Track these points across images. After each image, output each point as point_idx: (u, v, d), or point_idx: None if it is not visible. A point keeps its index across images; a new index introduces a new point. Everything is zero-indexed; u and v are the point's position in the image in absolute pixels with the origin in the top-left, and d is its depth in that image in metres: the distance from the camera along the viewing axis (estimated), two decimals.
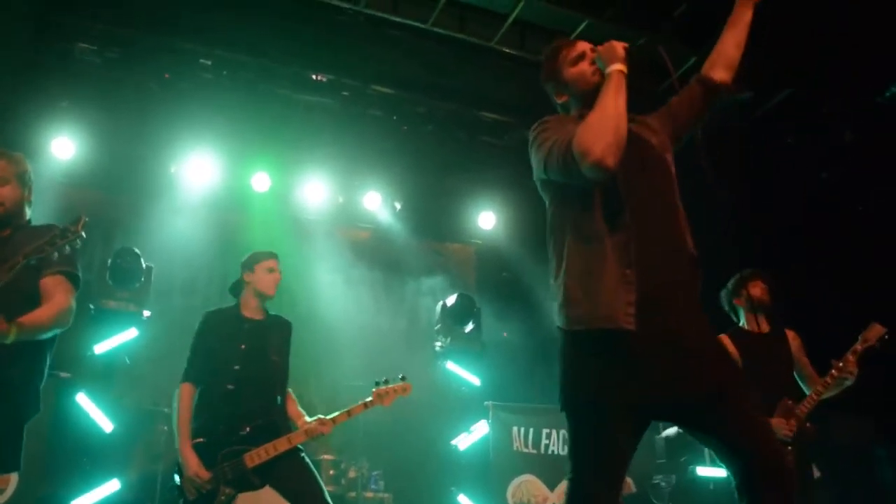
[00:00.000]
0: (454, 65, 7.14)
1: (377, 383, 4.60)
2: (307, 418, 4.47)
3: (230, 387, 4.30)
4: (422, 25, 6.60)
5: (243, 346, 4.43)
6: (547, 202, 2.72)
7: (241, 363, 4.37)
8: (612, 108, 2.42)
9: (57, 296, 3.30)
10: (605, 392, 2.37)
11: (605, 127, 2.38)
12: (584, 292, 2.45)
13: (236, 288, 4.71)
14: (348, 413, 4.49)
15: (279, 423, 4.35)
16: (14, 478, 3.21)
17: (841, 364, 4.36)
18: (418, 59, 7.16)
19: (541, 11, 6.52)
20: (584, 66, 2.68)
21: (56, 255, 3.08)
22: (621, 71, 2.51)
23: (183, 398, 4.30)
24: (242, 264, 4.67)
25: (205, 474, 4.10)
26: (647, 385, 2.33)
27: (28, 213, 3.48)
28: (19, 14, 6.22)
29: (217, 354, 4.40)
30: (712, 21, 6.57)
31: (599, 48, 2.63)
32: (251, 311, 4.59)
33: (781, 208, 7.18)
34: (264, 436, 4.23)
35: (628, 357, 2.35)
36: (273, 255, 4.68)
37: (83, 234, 3.16)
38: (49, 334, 3.23)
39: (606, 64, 2.55)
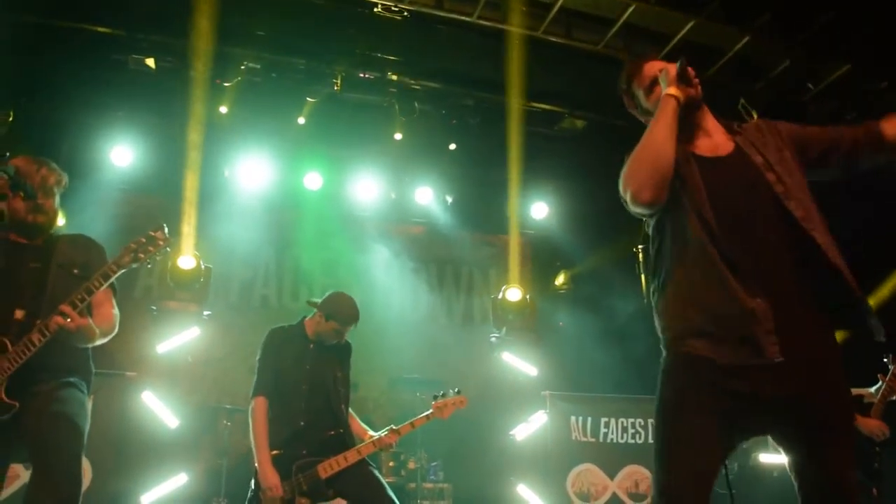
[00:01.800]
0: (500, 57, 7.12)
1: (435, 397, 4.84)
2: (372, 432, 4.68)
3: (301, 404, 4.49)
4: (466, 19, 6.60)
5: (308, 367, 4.61)
6: (647, 226, 2.64)
7: (309, 383, 4.56)
8: (650, 141, 2.38)
9: (108, 308, 3.48)
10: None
11: (642, 163, 2.37)
12: (688, 324, 2.35)
13: (308, 308, 4.84)
14: (412, 425, 4.72)
15: (347, 437, 4.55)
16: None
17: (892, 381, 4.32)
18: (464, 52, 7.15)
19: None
20: (659, 92, 2.57)
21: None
22: (670, 95, 2.44)
23: (258, 412, 4.45)
24: (324, 302, 4.72)
25: (281, 492, 4.25)
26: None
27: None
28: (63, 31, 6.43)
29: (285, 374, 4.57)
30: (809, 13, 6.54)
31: (659, 71, 2.56)
32: (312, 332, 4.75)
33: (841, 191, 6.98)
34: (335, 448, 4.43)
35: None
36: (354, 322, 4.74)
37: (170, 241, 3.37)
38: (98, 342, 3.37)
39: (663, 88, 2.49)
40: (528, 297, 8.28)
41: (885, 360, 4.38)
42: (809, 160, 2.50)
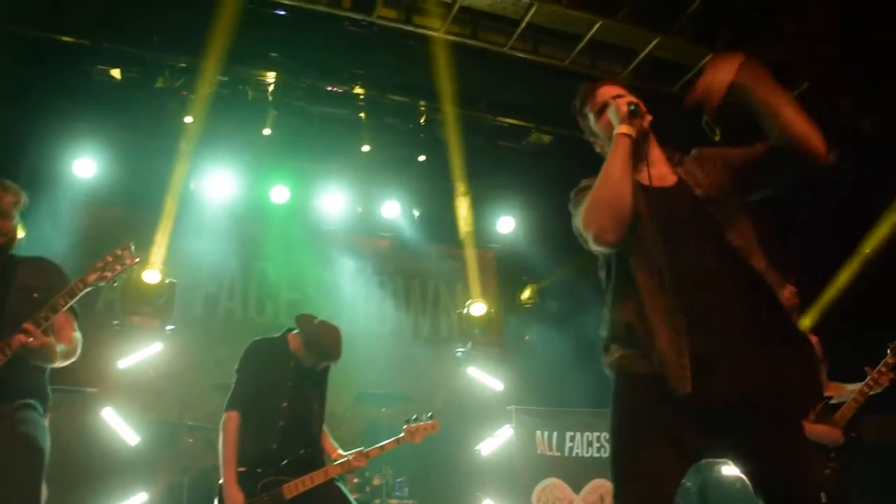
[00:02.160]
0: (468, 71, 7.15)
1: (408, 421, 4.84)
2: (341, 451, 4.65)
3: (279, 423, 4.41)
4: (434, 33, 6.62)
5: (290, 384, 4.54)
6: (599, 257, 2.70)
7: (290, 400, 4.49)
8: (607, 183, 2.41)
9: (70, 331, 3.45)
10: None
11: (601, 204, 2.40)
12: (631, 349, 2.41)
13: (292, 324, 4.75)
14: (381, 448, 4.70)
15: (316, 456, 4.51)
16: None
17: (877, 375, 4.34)
18: (431, 67, 7.18)
19: (552, 15, 6.52)
20: (606, 118, 2.64)
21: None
22: (624, 134, 2.47)
23: (229, 427, 4.34)
24: (310, 330, 4.61)
25: None
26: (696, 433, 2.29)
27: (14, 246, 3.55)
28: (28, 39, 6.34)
29: (266, 390, 4.48)
30: (725, 17, 6.67)
31: (609, 100, 2.60)
32: (295, 349, 4.66)
33: (804, 204, 7.10)
34: (303, 468, 4.35)
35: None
36: (332, 360, 4.65)
37: (137, 259, 3.35)
38: (58, 364, 3.32)
39: (615, 123, 2.53)
40: (493, 311, 8.31)
41: (889, 349, 4.39)
42: (744, 182, 2.54)
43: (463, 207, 8.39)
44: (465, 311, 8.28)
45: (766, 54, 6.69)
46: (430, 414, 4.91)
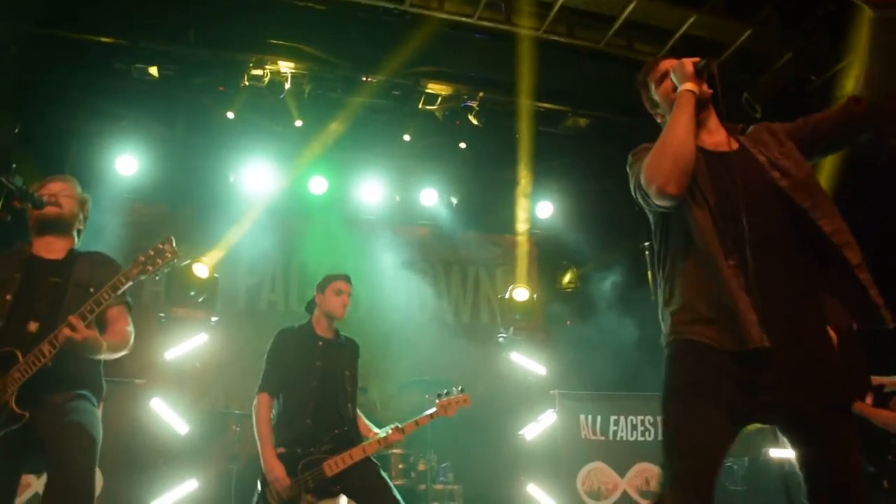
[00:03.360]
0: (504, 57, 7.13)
1: (439, 395, 4.86)
2: (377, 430, 4.70)
3: (310, 403, 4.50)
4: (468, 20, 6.60)
5: (319, 364, 4.63)
6: (651, 219, 2.70)
7: (318, 380, 4.58)
8: (673, 134, 2.43)
9: (123, 324, 3.52)
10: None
11: (666, 155, 2.41)
12: (692, 312, 2.41)
13: (310, 306, 4.91)
14: (416, 423, 4.72)
15: (353, 434, 4.57)
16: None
17: None
18: (467, 53, 7.16)
19: None
20: (667, 85, 2.67)
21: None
22: (689, 90, 2.50)
23: (261, 408, 4.48)
24: (316, 285, 4.86)
25: (288, 482, 4.25)
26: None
27: (76, 243, 3.65)
28: (66, 41, 6.46)
29: (294, 371, 4.59)
30: (810, 5, 6.52)
31: (672, 66, 2.62)
32: (323, 330, 4.79)
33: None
34: (341, 446, 4.43)
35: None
36: (343, 277, 4.83)
37: (178, 253, 3.41)
38: (108, 356, 3.40)
39: (679, 82, 2.56)
40: (534, 296, 8.29)
41: None
42: (812, 145, 2.54)
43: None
44: (506, 296, 8.27)
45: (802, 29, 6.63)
46: (460, 388, 4.91)
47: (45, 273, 3.40)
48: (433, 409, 4.80)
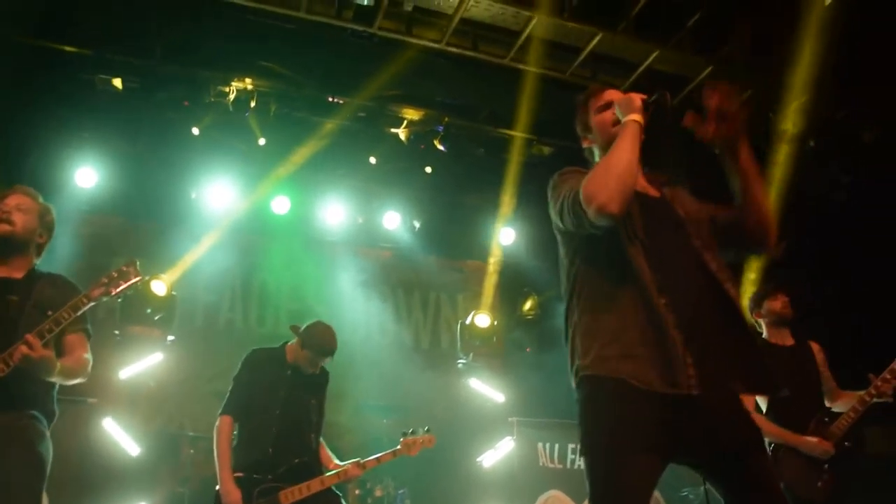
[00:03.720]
0: (469, 83, 7.18)
1: (404, 433, 4.88)
2: (337, 461, 4.71)
3: (272, 430, 4.48)
4: (436, 45, 6.64)
5: (283, 393, 4.61)
6: (563, 252, 2.70)
7: (283, 408, 4.56)
8: (619, 156, 2.41)
9: (81, 352, 3.45)
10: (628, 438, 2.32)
11: (611, 173, 2.38)
12: (618, 347, 2.37)
13: (290, 334, 4.84)
14: (378, 460, 4.75)
15: (313, 465, 4.56)
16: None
17: (880, 384, 4.29)
18: (433, 78, 7.20)
19: (553, 27, 6.53)
20: (607, 115, 2.67)
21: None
22: (636, 121, 2.48)
23: (223, 430, 4.44)
24: (304, 330, 4.75)
25: None
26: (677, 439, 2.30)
27: (36, 259, 3.55)
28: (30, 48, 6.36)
29: (259, 396, 4.57)
30: (726, 28, 6.70)
31: (618, 99, 2.61)
32: (292, 359, 4.75)
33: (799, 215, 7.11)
34: (300, 475, 4.42)
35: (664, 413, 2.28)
36: (329, 354, 4.75)
37: (141, 276, 3.39)
38: (71, 383, 3.34)
39: (624, 114, 2.53)
40: (495, 322, 8.30)
41: None
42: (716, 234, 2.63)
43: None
44: (468, 322, 8.27)
45: (763, 67, 6.79)
46: (426, 428, 4.93)
47: (4, 291, 3.31)
48: (397, 447, 4.81)
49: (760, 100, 7.04)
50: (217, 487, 4.30)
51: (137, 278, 3.35)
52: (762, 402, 4.56)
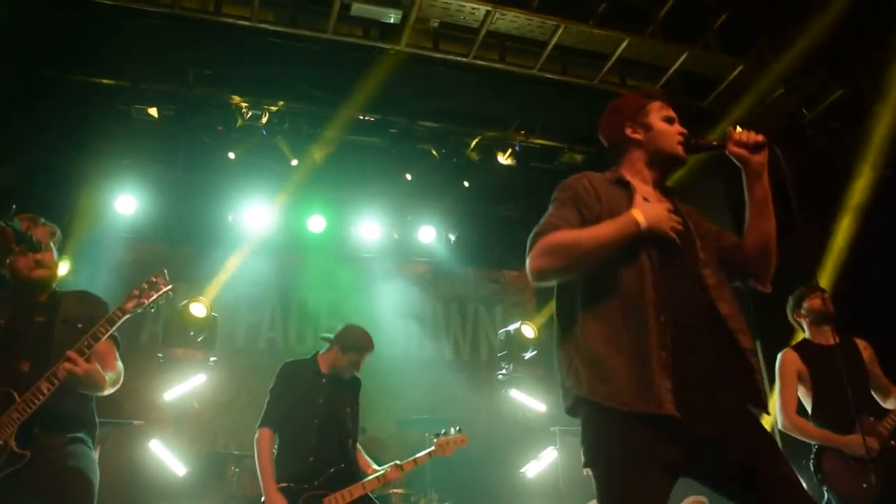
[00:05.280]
0: (498, 94, 7.20)
1: (437, 434, 4.99)
2: (376, 466, 4.76)
3: (312, 439, 4.55)
4: (463, 59, 6.68)
5: (321, 401, 4.69)
6: None
7: (321, 417, 4.63)
8: (596, 246, 2.37)
9: (112, 359, 3.54)
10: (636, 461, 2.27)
11: (571, 253, 2.38)
12: (611, 368, 2.32)
13: (322, 344, 4.96)
14: (415, 461, 4.82)
15: (354, 471, 4.62)
16: None
17: None
18: (462, 91, 7.23)
19: (580, 35, 6.54)
20: (674, 131, 2.65)
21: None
22: (639, 223, 2.38)
23: (263, 443, 4.52)
24: (338, 336, 4.87)
25: None
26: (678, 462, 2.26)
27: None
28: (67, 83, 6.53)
29: (297, 407, 4.65)
30: (754, 27, 6.64)
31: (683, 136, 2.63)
32: (327, 367, 4.82)
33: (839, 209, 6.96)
34: (341, 482, 4.48)
35: (664, 437, 2.24)
36: (371, 350, 4.87)
37: (171, 285, 3.45)
38: (106, 392, 3.41)
39: (642, 216, 2.40)
40: (534, 333, 8.27)
41: None
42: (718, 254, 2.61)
43: None
44: (505, 332, 8.26)
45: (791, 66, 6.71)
46: (458, 428, 5.02)
47: (29, 314, 3.40)
48: (431, 448, 4.89)
49: (792, 97, 6.95)
50: (262, 500, 4.35)
51: (167, 287, 3.42)
52: (806, 404, 4.49)
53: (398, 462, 4.74)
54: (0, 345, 3.30)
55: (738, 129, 2.60)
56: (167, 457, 6.41)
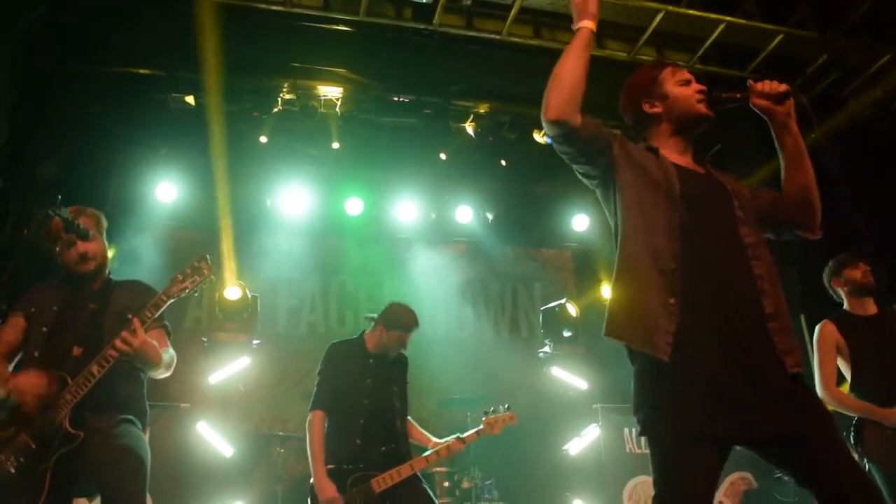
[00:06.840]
0: (532, 72, 7.13)
1: (486, 413, 4.94)
2: (437, 440, 4.82)
3: (360, 420, 4.57)
4: (496, 37, 6.63)
5: (370, 381, 4.71)
6: (609, 218, 2.75)
7: (370, 397, 4.65)
8: (572, 65, 2.49)
9: (164, 346, 3.59)
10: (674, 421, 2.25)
11: (563, 83, 2.47)
12: (626, 312, 2.44)
13: (368, 323, 4.99)
14: (463, 441, 4.79)
15: (402, 451, 4.63)
16: None
17: None
18: (496, 69, 7.18)
19: (615, 9, 6.42)
20: (692, 92, 2.66)
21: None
22: (589, 28, 2.57)
23: (315, 426, 4.54)
24: (383, 315, 4.89)
25: (341, 502, 4.28)
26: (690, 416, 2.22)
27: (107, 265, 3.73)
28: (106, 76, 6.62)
29: (346, 388, 4.67)
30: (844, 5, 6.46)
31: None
32: (374, 346, 4.84)
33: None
34: (389, 462, 4.50)
35: (671, 387, 2.26)
36: (416, 327, 4.89)
37: (213, 270, 3.48)
38: (160, 373, 3.51)
39: (577, 19, 2.61)
40: (574, 310, 8.24)
41: None
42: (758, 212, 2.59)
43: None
44: (545, 310, 8.24)
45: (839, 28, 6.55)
46: (507, 405, 4.98)
47: (83, 301, 3.49)
48: (480, 427, 4.87)
49: (835, 66, 6.80)
50: (311, 481, 4.40)
51: (210, 272, 3.45)
52: (847, 375, 4.41)
53: (460, 435, 4.77)
54: (53, 331, 3.38)
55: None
56: (214, 438, 6.52)
